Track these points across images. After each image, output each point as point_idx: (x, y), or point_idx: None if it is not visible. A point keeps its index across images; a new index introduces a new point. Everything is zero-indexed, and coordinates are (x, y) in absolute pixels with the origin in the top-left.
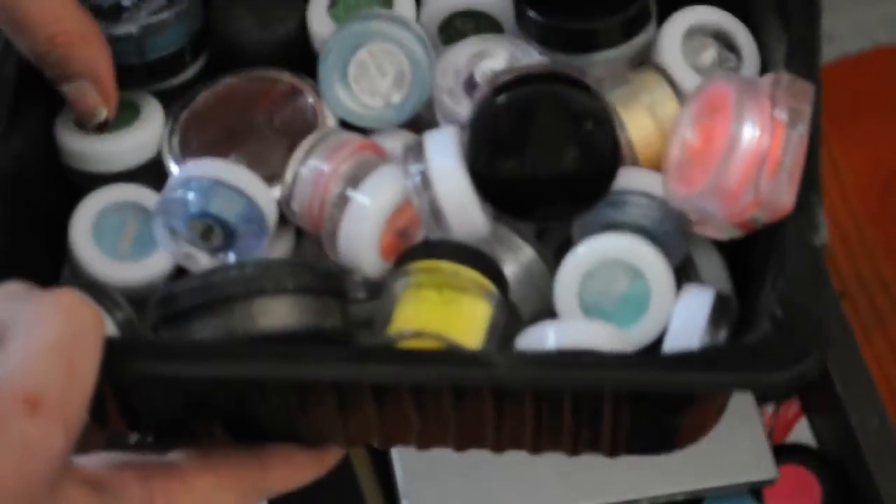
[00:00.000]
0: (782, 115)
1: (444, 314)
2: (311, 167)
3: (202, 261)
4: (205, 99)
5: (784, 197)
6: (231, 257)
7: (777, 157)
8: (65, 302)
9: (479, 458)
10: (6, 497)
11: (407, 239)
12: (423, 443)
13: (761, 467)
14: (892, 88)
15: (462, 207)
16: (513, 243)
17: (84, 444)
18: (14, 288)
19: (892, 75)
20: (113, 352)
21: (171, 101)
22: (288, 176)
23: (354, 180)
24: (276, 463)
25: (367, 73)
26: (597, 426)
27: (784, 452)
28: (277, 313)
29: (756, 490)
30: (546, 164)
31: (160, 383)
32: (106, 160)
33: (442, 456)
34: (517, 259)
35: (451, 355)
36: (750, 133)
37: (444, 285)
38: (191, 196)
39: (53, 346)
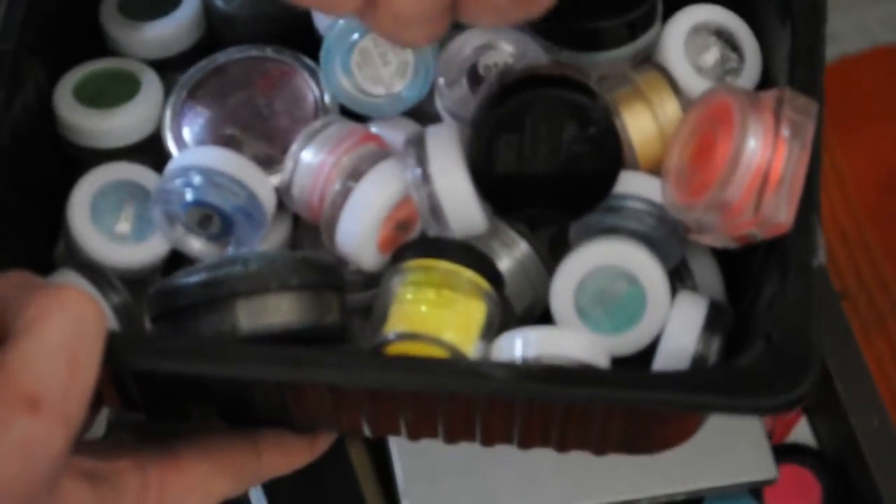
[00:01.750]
0: (785, 131)
1: (440, 314)
2: (313, 156)
3: (199, 247)
4: (204, 76)
5: (783, 215)
6: (230, 245)
7: (779, 174)
8: (68, 297)
9: (479, 458)
10: (6, 497)
11: (405, 232)
12: (413, 435)
13: (761, 467)
14: (892, 88)
15: (461, 204)
16: (508, 237)
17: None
18: (18, 278)
19: (892, 75)
20: (113, 347)
21: (167, 71)
22: (288, 163)
23: (356, 172)
24: (270, 448)
25: (370, 61)
26: (586, 429)
27: (784, 452)
28: (280, 310)
29: (756, 490)
30: (547, 168)
31: (158, 376)
32: (105, 135)
33: (442, 456)
34: (512, 254)
35: (450, 366)
36: (753, 148)
37: (440, 285)
38: (189, 186)
39: (56, 345)
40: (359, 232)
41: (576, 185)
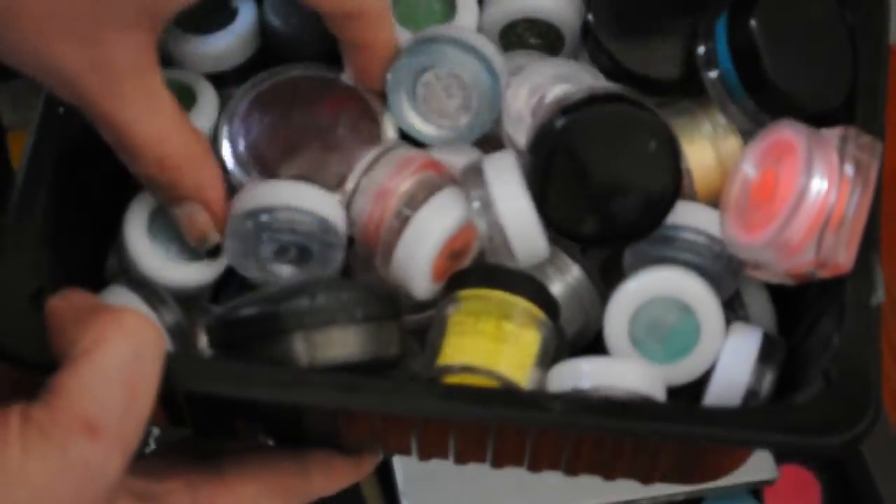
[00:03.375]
0: (849, 170)
1: (496, 346)
2: (374, 181)
3: (282, 273)
4: (266, 90)
5: (843, 256)
6: (313, 267)
7: (841, 213)
8: (128, 322)
9: None
10: None
11: (459, 261)
12: (460, 459)
13: (761, 467)
14: (893, 88)
15: (525, 231)
16: (562, 262)
17: None
18: (77, 298)
19: (892, 75)
20: (170, 370)
21: (218, 85)
22: (349, 186)
23: (415, 200)
24: (318, 469)
25: (435, 95)
26: (637, 459)
27: None
28: (345, 344)
29: (756, 490)
30: (606, 185)
31: (211, 398)
32: None
33: None
34: (564, 279)
35: (508, 397)
36: (818, 187)
37: (497, 316)
38: (260, 228)
39: (115, 370)
40: (415, 261)
41: (635, 202)
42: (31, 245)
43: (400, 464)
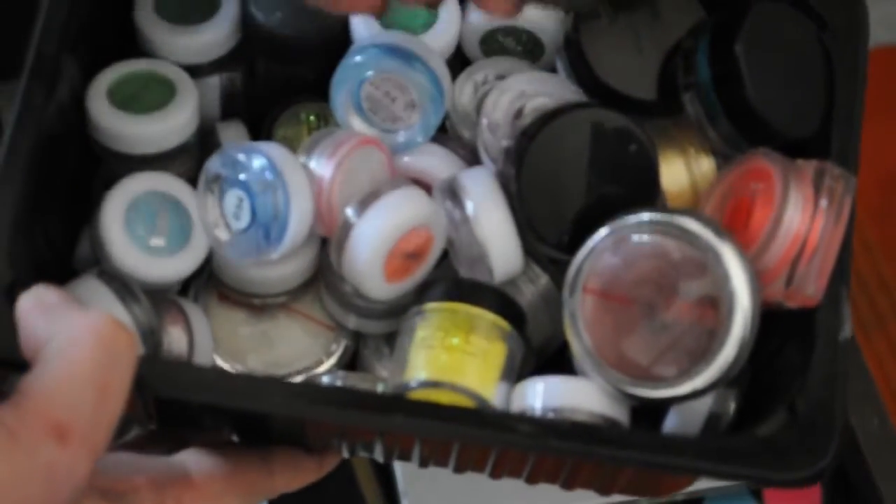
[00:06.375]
0: (823, 203)
1: (463, 360)
2: (314, 166)
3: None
4: None
5: (812, 289)
6: None
7: (814, 245)
8: (102, 325)
9: None
10: None
11: (417, 261)
12: (424, 464)
13: None
14: (892, 88)
15: (505, 251)
16: (532, 272)
17: None
18: (49, 298)
19: (892, 75)
20: (141, 374)
21: (198, 76)
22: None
23: (363, 203)
24: (282, 467)
25: (380, 104)
26: (596, 475)
27: None
28: None
29: (756, 490)
30: (583, 190)
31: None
32: (138, 141)
33: None
34: (535, 288)
35: (475, 417)
36: (792, 218)
37: (464, 330)
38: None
39: (86, 374)
40: (364, 262)
41: (614, 207)
42: (6, 236)
43: (400, 463)
